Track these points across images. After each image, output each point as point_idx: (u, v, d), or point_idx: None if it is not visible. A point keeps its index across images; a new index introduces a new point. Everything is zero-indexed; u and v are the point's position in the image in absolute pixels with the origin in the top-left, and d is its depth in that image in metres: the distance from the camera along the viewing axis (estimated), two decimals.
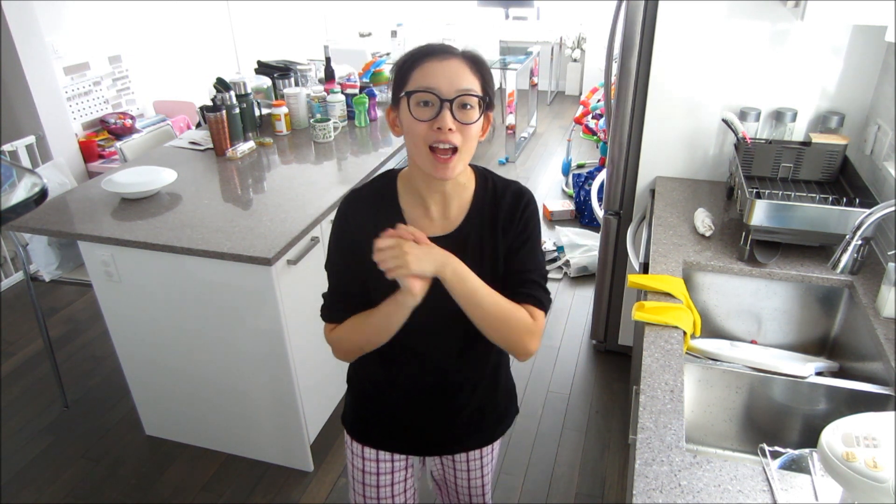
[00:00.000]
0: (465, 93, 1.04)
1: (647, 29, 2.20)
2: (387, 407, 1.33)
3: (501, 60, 5.27)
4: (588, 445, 2.41)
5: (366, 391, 1.35)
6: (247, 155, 2.60)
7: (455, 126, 1.04)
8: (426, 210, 1.17)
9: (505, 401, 1.41)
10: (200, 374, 2.18)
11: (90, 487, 2.25)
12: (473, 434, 1.38)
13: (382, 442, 1.37)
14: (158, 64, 4.30)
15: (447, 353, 1.24)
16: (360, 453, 1.39)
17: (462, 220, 1.17)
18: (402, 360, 1.25)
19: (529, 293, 1.16)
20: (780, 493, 1.08)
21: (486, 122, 1.11)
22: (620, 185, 2.52)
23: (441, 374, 1.26)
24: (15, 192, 2.31)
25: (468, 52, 1.09)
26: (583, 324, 3.13)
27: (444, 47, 1.08)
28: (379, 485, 1.40)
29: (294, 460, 2.29)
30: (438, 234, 1.16)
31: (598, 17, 6.36)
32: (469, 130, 1.06)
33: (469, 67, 1.06)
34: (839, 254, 1.37)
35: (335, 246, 1.21)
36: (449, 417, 1.32)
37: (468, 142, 1.07)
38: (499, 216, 1.17)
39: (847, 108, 2.11)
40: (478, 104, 1.07)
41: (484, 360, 1.28)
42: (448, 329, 1.20)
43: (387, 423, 1.35)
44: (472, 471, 1.43)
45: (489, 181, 1.20)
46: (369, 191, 1.20)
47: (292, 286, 2.01)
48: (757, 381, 1.46)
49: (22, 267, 2.49)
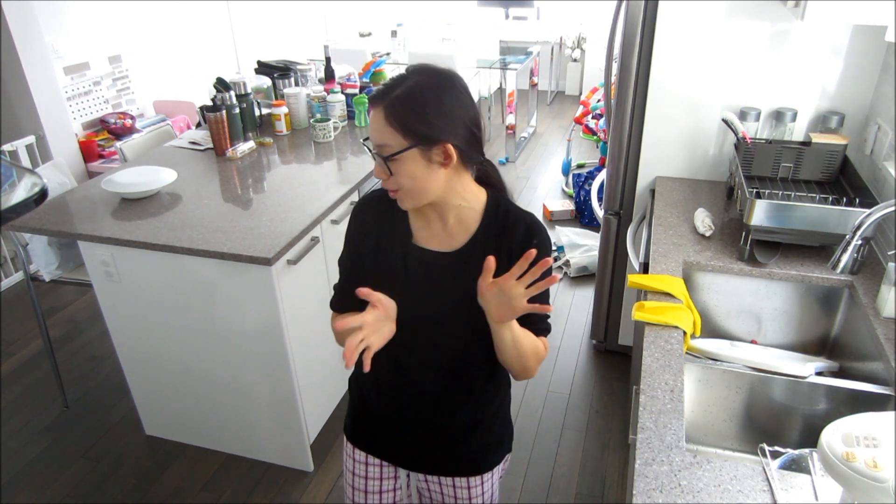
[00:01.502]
0: (379, 147, 1.06)
1: (647, 29, 2.20)
2: (375, 413, 1.33)
3: (501, 60, 5.27)
4: (588, 445, 2.41)
5: (360, 393, 1.36)
6: (247, 155, 2.60)
7: (385, 175, 1.08)
8: (427, 222, 1.18)
9: (496, 431, 1.35)
10: (200, 373, 2.18)
11: (90, 487, 2.25)
12: (458, 459, 1.34)
13: (370, 446, 1.38)
14: (158, 64, 4.30)
15: (431, 369, 1.24)
16: (352, 454, 1.40)
17: (467, 241, 1.17)
18: (386, 368, 1.23)
19: (542, 328, 1.20)
20: (780, 493, 1.08)
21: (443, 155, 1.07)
22: (620, 185, 2.52)
23: (422, 389, 1.26)
24: (15, 192, 2.31)
25: (389, 97, 1.05)
26: (583, 324, 3.13)
27: (380, 92, 1.06)
28: (367, 490, 1.40)
29: (294, 460, 2.29)
30: (440, 249, 1.18)
31: (598, 17, 6.36)
32: (402, 176, 1.07)
33: (385, 117, 1.04)
34: (839, 254, 1.37)
35: (346, 246, 1.26)
36: (433, 436, 1.30)
37: (408, 183, 1.08)
38: (504, 245, 1.15)
39: (847, 108, 2.11)
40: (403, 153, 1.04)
41: (470, 380, 1.26)
42: (434, 343, 1.20)
43: (376, 429, 1.35)
44: (460, 499, 1.37)
45: (501, 207, 1.19)
46: (381, 198, 1.21)
47: (292, 286, 2.01)
48: (757, 381, 1.46)
49: (22, 267, 2.49)
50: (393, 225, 1.20)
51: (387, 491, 1.41)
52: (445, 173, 1.09)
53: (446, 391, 1.26)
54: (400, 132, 1.04)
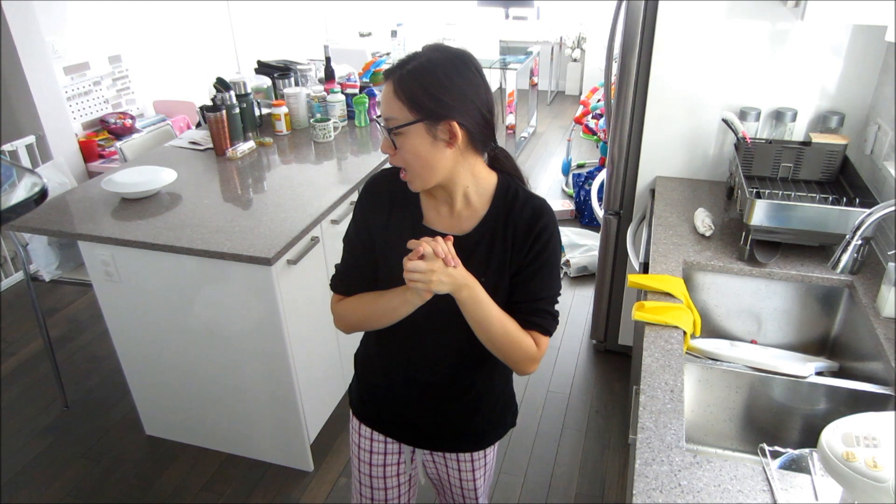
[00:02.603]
0: (386, 120, 1.07)
1: (647, 29, 2.20)
2: (381, 391, 1.35)
3: (501, 60, 5.27)
4: (588, 445, 2.41)
5: (366, 371, 1.38)
6: (247, 155, 2.60)
7: (391, 150, 1.09)
8: (438, 207, 1.18)
9: (500, 407, 1.38)
10: (200, 373, 2.18)
11: (90, 487, 2.25)
12: (463, 436, 1.37)
13: (376, 423, 1.39)
14: (158, 64, 4.30)
15: (442, 351, 1.25)
16: (358, 429, 1.42)
17: (474, 227, 1.16)
18: (396, 350, 1.27)
19: (537, 322, 1.16)
20: (780, 493, 1.08)
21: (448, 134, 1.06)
22: (620, 185, 2.52)
23: (432, 370, 1.27)
24: (15, 192, 2.31)
25: (401, 71, 1.05)
26: (583, 324, 3.13)
27: (394, 67, 1.07)
28: (372, 463, 1.43)
29: (294, 460, 2.29)
30: (450, 231, 1.17)
31: (598, 17, 6.36)
32: (404, 152, 1.08)
33: (394, 91, 1.05)
34: (839, 254, 1.37)
35: (354, 223, 1.24)
36: (438, 413, 1.32)
37: (413, 160, 1.08)
38: (510, 228, 1.15)
39: (847, 108, 2.11)
40: (408, 126, 1.05)
41: (479, 364, 1.27)
42: (447, 330, 1.20)
43: (381, 407, 1.37)
44: (464, 472, 1.42)
45: (511, 189, 1.18)
46: (393, 178, 1.20)
47: (292, 286, 2.01)
48: (757, 381, 1.46)
49: (22, 267, 2.49)
50: (404, 205, 1.20)
51: (391, 465, 1.43)
52: (452, 154, 1.08)
53: (455, 375, 1.27)
54: (406, 106, 1.05)
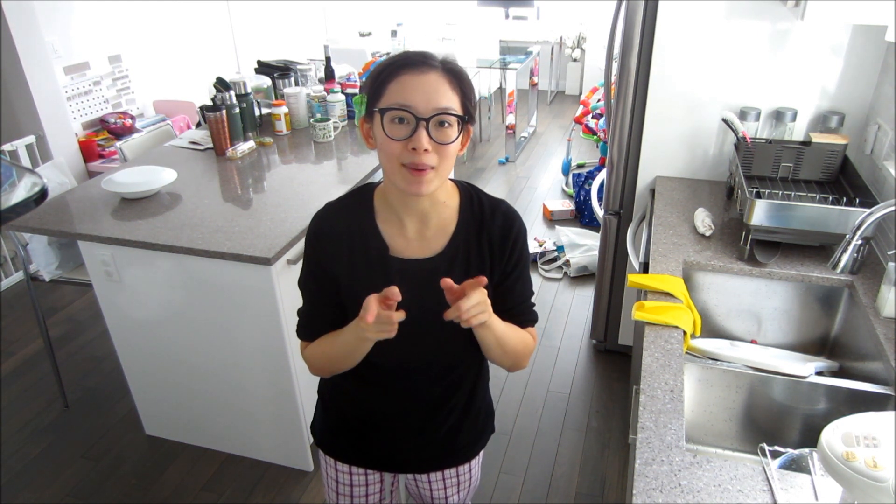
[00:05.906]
0: (443, 112, 0.97)
1: (647, 29, 2.20)
2: (358, 423, 1.28)
3: (501, 60, 5.26)
4: (588, 445, 2.41)
5: (337, 404, 1.30)
6: (247, 155, 2.60)
7: (431, 146, 0.97)
8: (402, 229, 1.10)
9: (482, 420, 1.35)
10: (200, 373, 2.18)
11: (90, 487, 2.25)
12: (447, 454, 1.33)
13: (353, 457, 1.33)
14: (158, 64, 4.30)
15: (423, 376, 1.20)
16: (333, 465, 1.35)
17: (446, 245, 1.10)
18: (374, 379, 1.20)
19: (528, 318, 1.19)
20: (780, 493, 1.08)
21: (465, 137, 1.04)
22: (620, 184, 2.52)
23: (415, 396, 1.22)
24: (15, 191, 2.31)
25: (448, 63, 1.00)
26: (583, 323, 3.13)
27: (423, 57, 0.99)
28: (354, 496, 1.37)
29: (294, 460, 2.29)
30: (416, 256, 1.10)
31: (598, 17, 6.36)
32: (446, 150, 0.99)
33: (448, 82, 0.98)
34: (839, 254, 1.37)
35: (307, 267, 1.15)
36: (422, 439, 1.28)
37: (445, 161, 1.00)
38: (484, 239, 1.11)
39: (847, 108, 2.11)
40: (456, 122, 1.00)
41: (460, 383, 1.24)
42: (425, 353, 1.17)
43: (358, 439, 1.30)
44: (449, 487, 1.38)
45: (475, 198, 1.13)
46: (344, 207, 1.14)
47: (292, 286, 2.00)
48: (757, 381, 1.46)
49: (22, 267, 2.49)
50: (363, 239, 1.10)
51: (374, 494, 1.39)
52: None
53: (442, 395, 1.24)
54: (459, 102, 1.00)
